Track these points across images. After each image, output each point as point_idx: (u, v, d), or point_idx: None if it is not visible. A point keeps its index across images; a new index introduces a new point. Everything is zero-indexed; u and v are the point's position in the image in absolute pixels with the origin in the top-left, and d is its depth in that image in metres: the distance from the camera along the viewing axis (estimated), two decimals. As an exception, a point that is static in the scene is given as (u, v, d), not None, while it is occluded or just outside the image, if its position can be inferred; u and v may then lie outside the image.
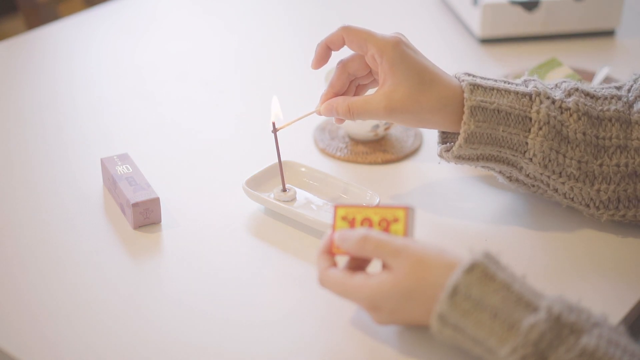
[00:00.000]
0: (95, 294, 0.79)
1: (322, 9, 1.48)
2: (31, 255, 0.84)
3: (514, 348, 0.64)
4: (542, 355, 0.63)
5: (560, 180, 0.84)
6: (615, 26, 1.33)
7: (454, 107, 0.83)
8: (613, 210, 0.85)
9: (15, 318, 0.76)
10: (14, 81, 1.19)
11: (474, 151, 0.84)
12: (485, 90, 0.83)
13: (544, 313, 0.64)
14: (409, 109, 0.83)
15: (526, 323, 0.64)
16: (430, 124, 0.85)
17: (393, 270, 0.70)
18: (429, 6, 1.44)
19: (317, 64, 0.87)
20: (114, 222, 0.89)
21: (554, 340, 0.64)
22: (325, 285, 0.73)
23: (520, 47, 1.30)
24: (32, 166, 1.00)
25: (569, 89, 0.85)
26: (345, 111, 0.85)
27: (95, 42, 1.32)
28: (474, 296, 0.66)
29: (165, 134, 1.07)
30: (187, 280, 0.82)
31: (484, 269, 0.67)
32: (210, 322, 0.76)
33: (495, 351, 0.65)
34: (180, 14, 1.44)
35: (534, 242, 0.88)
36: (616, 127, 0.84)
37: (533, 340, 0.63)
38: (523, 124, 0.83)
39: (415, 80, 0.82)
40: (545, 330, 0.64)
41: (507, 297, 0.66)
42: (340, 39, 0.85)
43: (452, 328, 0.67)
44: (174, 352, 0.73)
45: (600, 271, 0.84)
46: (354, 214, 0.75)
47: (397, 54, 0.82)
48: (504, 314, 0.65)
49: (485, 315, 0.66)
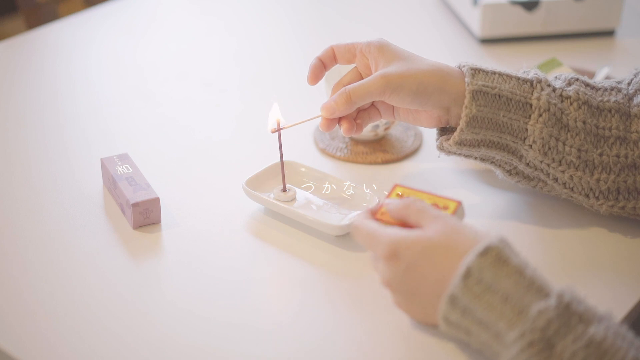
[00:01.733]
0: (95, 294, 0.79)
1: (322, 9, 1.48)
2: (31, 255, 0.84)
3: (522, 333, 0.64)
4: (549, 342, 0.63)
5: (560, 169, 0.84)
6: (615, 26, 1.33)
7: (451, 78, 0.83)
8: (612, 201, 0.85)
9: (15, 318, 0.76)
10: (14, 81, 1.19)
11: (475, 136, 0.84)
12: (486, 75, 0.84)
13: (554, 300, 0.64)
14: (404, 76, 0.83)
15: (535, 308, 0.64)
16: (428, 92, 0.83)
17: (425, 229, 0.71)
18: (428, 6, 1.44)
19: (313, 80, 0.90)
20: (114, 222, 0.89)
21: (562, 328, 0.63)
22: (356, 232, 0.75)
23: (520, 47, 1.30)
24: (32, 166, 1.00)
25: (569, 78, 0.86)
26: (345, 99, 0.84)
27: (95, 42, 1.32)
28: (486, 279, 0.67)
29: (165, 134, 1.07)
30: (186, 280, 0.82)
31: (498, 253, 0.68)
32: (209, 322, 0.76)
33: (503, 335, 0.65)
34: (180, 14, 1.44)
35: (534, 242, 0.88)
36: (616, 119, 0.84)
37: (541, 326, 0.63)
38: (523, 110, 0.83)
39: (405, 55, 0.85)
40: (554, 317, 0.63)
41: (519, 282, 0.66)
42: (331, 53, 0.89)
43: (461, 311, 0.68)
44: (174, 352, 0.73)
45: (600, 271, 0.84)
46: (408, 194, 0.79)
47: (383, 41, 0.86)
48: (515, 298, 0.65)
49: (496, 299, 0.66)
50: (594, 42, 1.32)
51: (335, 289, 0.80)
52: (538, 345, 0.63)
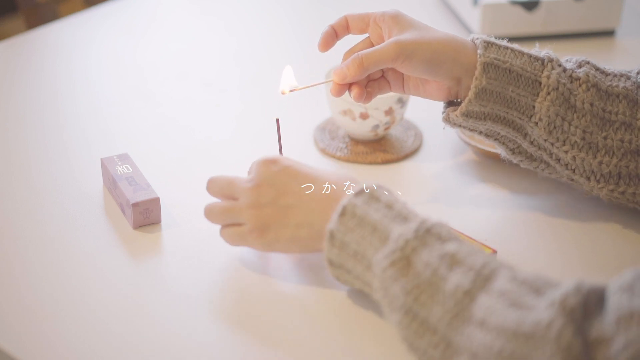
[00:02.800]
0: (95, 294, 0.79)
1: (321, 9, 1.48)
2: (31, 255, 0.84)
3: (385, 255, 0.68)
4: (408, 259, 0.68)
5: (563, 149, 0.85)
6: (615, 26, 1.33)
7: (464, 49, 0.84)
8: (613, 185, 0.85)
9: (15, 318, 0.76)
10: (13, 81, 1.19)
11: (482, 108, 0.84)
12: (499, 48, 0.84)
13: (414, 224, 0.69)
14: (418, 43, 0.83)
15: (396, 232, 0.69)
16: (441, 60, 0.83)
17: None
18: (428, 6, 1.44)
19: (324, 46, 0.88)
20: (114, 222, 0.89)
21: (420, 246, 0.67)
22: (212, 182, 0.83)
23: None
24: (32, 166, 1.00)
25: (580, 61, 0.87)
26: (358, 65, 0.84)
27: (95, 42, 1.32)
28: (358, 214, 0.72)
29: (165, 134, 1.07)
30: (187, 280, 0.82)
31: (372, 192, 0.73)
32: (210, 322, 0.76)
33: (371, 262, 0.70)
34: (181, 14, 1.44)
35: (534, 241, 0.88)
36: (623, 104, 0.84)
37: (400, 246, 0.68)
38: (532, 87, 0.84)
39: (420, 26, 0.86)
40: (412, 238, 0.68)
41: (387, 215, 0.72)
42: (344, 22, 0.89)
43: (338, 248, 0.73)
44: (174, 352, 0.73)
45: (600, 272, 0.83)
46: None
47: (398, 12, 0.87)
48: (382, 227, 0.70)
49: (366, 230, 0.71)
50: (594, 42, 1.32)
51: (334, 288, 0.80)
52: (398, 264, 0.67)
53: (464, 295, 0.64)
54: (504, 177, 0.97)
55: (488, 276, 0.65)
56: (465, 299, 0.64)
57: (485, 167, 0.99)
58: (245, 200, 0.78)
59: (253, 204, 0.78)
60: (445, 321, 0.64)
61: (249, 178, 0.79)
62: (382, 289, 0.69)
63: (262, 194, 0.77)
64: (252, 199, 0.78)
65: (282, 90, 0.89)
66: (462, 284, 0.64)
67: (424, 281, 0.66)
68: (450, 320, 0.64)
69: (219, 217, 0.81)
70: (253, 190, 0.78)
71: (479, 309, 0.63)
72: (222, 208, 0.80)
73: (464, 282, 0.64)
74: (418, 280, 0.66)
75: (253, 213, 0.78)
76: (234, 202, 0.79)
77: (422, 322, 0.66)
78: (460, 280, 0.64)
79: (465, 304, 0.64)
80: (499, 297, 0.63)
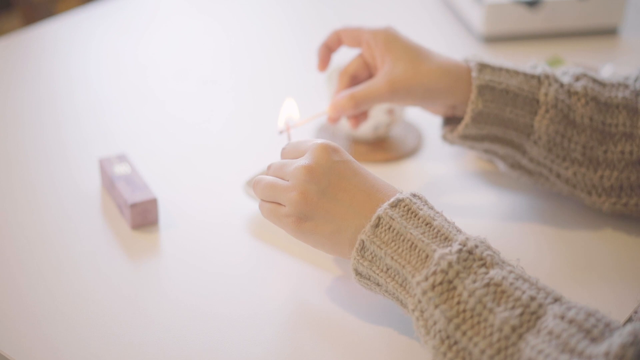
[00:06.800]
0: (94, 294, 0.79)
1: (321, 9, 1.47)
2: (29, 255, 0.84)
3: (425, 276, 0.65)
4: (450, 283, 0.65)
5: (564, 165, 0.84)
6: (618, 24, 1.32)
7: (458, 80, 0.83)
8: (615, 198, 0.85)
9: (14, 318, 0.76)
10: (10, 79, 1.19)
11: (479, 131, 0.84)
12: (493, 70, 0.83)
13: (457, 245, 0.66)
14: (411, 82, 0.83)
15: (439, 253, 0.66)
16: (435, 96, 0.83)
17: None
18: (429, 5, 1.43)
19: (322, 66, 0.90)
20: (112, 223, 0.88)
21: (464, 270, 0.65)
22: (258, 182, 0.75)
23: (522, 45, 1.29)
24: (29, 166, 0.99)
25: (577, 74, 0.85)
26: (351, 103, 0.85)
27: (93, 41, 1.31)
28: (394, 228, 0.68)
29: (164, 133, 1.06)
30: (185, 280, 0.81)
31: (408, 205, 0.69)
32: (209, 322, 0.76)
33: (409, 280, 0.67)
34: (179, 13, 1.43)
35: (536, 241, 0.87)
36: (623, 115, 0.84)
37: (443, 269, 0.65)
38: (530, 106, 0.83)
39: (413, 53, 0.84)
40: (455, 260, 0.65)
41: (426, 232, 0.68)
42: (336, 37, 0.89)
43: (370, 258, 0.69)
44: (173, 352, 0.72)
45: (603, 272, 0.83)
46: None
47: (390, 34, 0.85)
48: (421, 245, 0.67)
49: (403, 246, 0.68)
50: (596, 40, 1.31)
51: (334, 288, 0.80)
52: (440, 288, 0.65)
53: (512, 332, 0.62)
54: (504, 177, 0.96)
55: (536, 312, 0.62)
56: (513, 336, 0.61)
57: (485, 166, 0.99)
58: (293, 180, 0.72)
59: (299, 186, 0.71)
60: (488, 354, 0.62)
61: (303, 157, 0.73)
62: (420, 310, 0.66)
63: (313, 180, 0.71)
64: (300, 181, 0.71)
65: (279, 129, 0.86)
66: (510, 319, 0.62)
67: (468, 310, 0.63)
68: (493, 354, 0.62)
69: (262, 191, 0.74)
70: (305, 171, 0.71)
71: (529, 349, 0.61)
72: (268, 183, 0.74)
73: (511, 317, 0.62)
74: (461, 309, 0.64)
75: (296, 198, 0.71)
76: (281, 181, 0.73)
77: (460, 350, 0.63)
78: (507, 315, 0.62)
79: (512, 340, 0.61)
80: (550, 339, 0.60)
